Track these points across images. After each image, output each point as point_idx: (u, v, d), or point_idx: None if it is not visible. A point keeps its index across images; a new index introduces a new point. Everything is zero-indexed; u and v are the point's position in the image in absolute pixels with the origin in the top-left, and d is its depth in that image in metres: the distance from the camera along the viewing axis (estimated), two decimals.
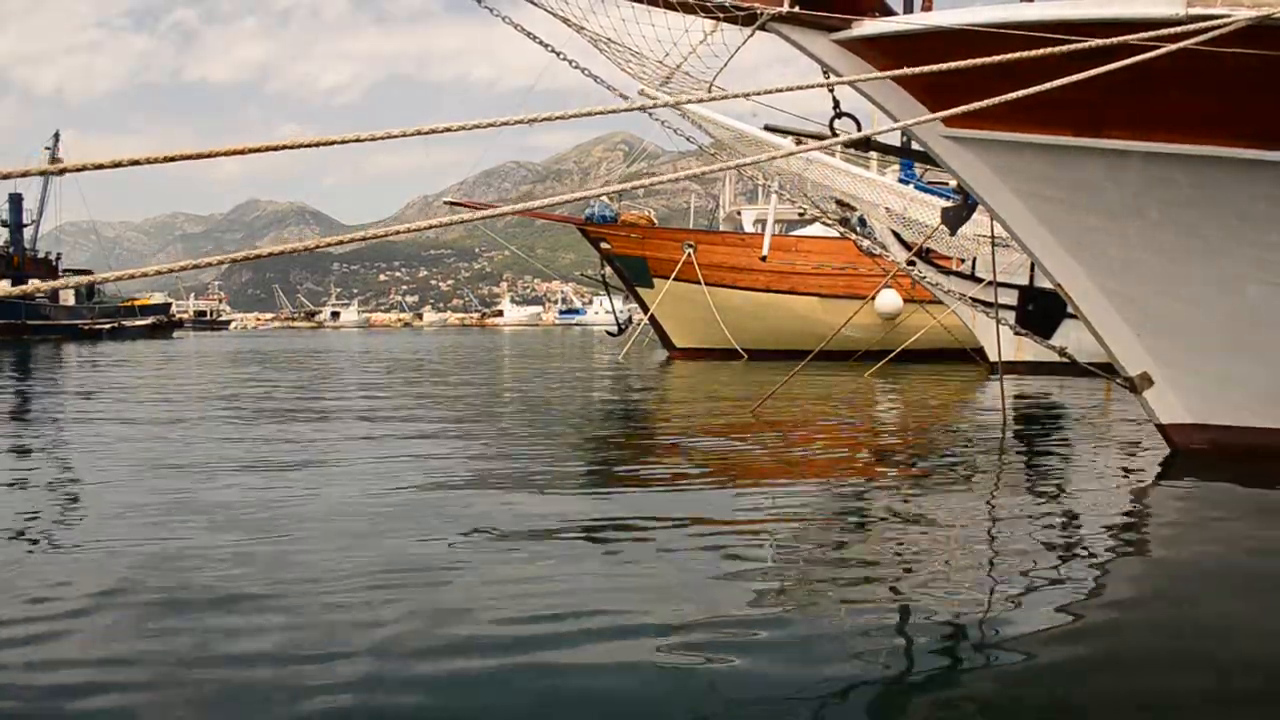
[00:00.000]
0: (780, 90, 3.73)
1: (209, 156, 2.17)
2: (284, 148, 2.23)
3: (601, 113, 2.88)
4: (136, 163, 2.06)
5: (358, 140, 2.36)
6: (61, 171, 2.20)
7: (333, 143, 2.29)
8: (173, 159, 2.09)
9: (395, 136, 2.45)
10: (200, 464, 5.21)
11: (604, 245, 20.38)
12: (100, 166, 2.09)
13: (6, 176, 2.03)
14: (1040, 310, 13.04)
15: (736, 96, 3.72)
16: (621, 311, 25.23)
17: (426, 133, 2.48)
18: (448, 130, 2.54)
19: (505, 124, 2.61)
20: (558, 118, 2.78)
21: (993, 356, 13.24)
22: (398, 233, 3.01)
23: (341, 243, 2.92)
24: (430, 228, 2.97)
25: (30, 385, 12.55)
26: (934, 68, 3.86)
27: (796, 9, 4.84)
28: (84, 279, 2.50)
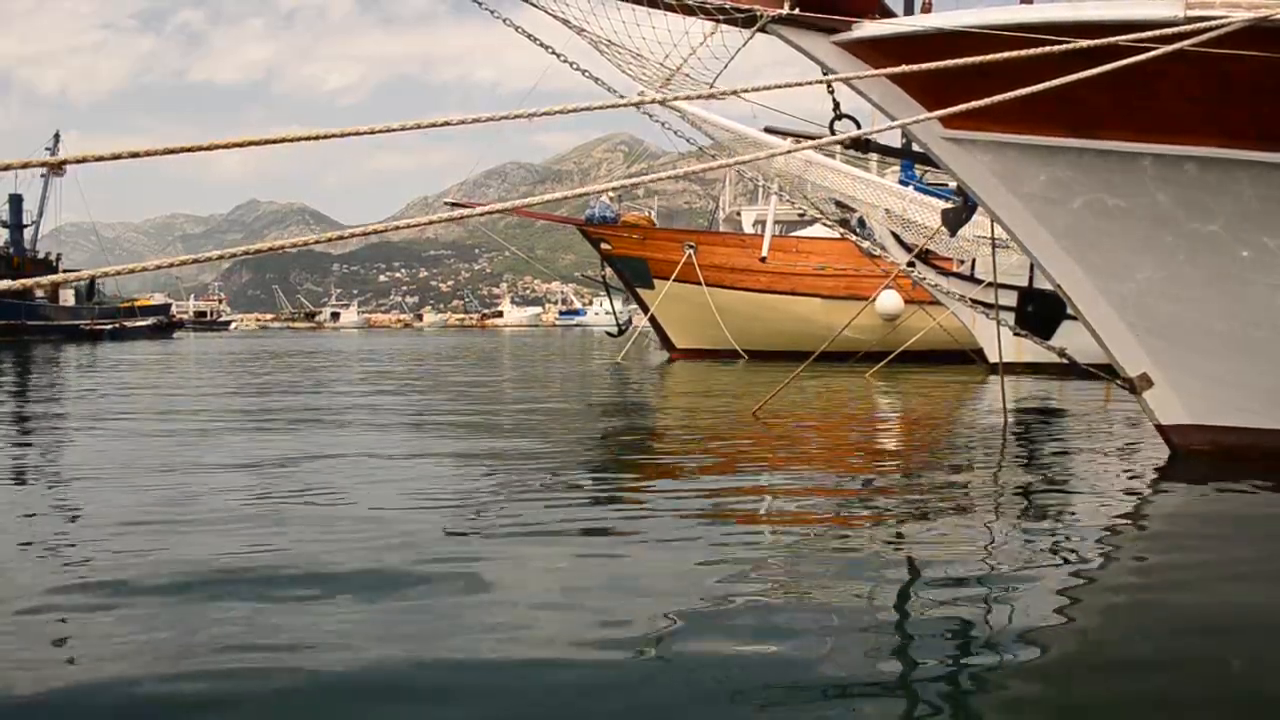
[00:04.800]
0: (777, 87, 3.74)
1: (208, 149, 2.17)
2: (283, 140, 2.23)
3: (601, 107, 2.89)
4: (136, 155, 2.07)
5: (356, 134, 2.37)
6: (61, 164, 2.21)
7: (331, 136, 2.30)
8: (172, 151, 2.09)
9: (394, 130, 2.46)
10: (202, 466, 5.21)
11: (604, 246, 20.38)
12: (100, 159, 2.10)
13: (7, 168, 2.03)
14: (1039, 311, 13.03)
15: (733, 94, 3.74)
16: (621, 312, 25.24)
17: (426, 126, 2.49)
18: (447, 125, 2.55)
19: (505, 118, 2.62)
20: (557, 112, 2.80)
21: (992, 357, 13.25)
22: (397, 228, 3.02)
23: (342, 238, 2.93)
24: (430, 224, 2.98)
25: (29, 389, 12.54)
26: (932, 65, 3.86)
27: (796, 11, 4.84)
28: (81, 274, 2.50)
